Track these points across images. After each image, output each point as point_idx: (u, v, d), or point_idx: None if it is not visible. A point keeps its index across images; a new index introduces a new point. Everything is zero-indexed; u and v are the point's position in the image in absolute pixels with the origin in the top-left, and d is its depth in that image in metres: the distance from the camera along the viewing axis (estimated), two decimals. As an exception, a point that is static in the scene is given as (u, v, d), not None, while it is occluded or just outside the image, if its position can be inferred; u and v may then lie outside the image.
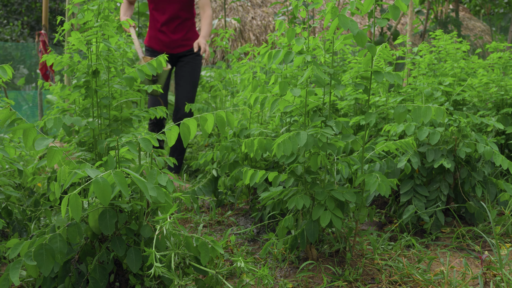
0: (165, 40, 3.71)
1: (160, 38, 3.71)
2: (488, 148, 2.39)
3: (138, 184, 1.43)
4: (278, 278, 2.05)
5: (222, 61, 3.86)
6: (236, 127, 2.86)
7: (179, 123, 1.64)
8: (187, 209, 3.12)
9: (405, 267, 2.05)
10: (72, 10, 2.12)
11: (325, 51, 2.07)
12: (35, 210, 2.53)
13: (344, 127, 2.05)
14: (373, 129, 3.09)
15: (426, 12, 6.66)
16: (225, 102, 3.66)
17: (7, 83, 8.38)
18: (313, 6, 1.91)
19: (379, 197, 2.96)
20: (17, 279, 1.48)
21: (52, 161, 1.52)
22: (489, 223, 2.63)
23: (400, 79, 1.90)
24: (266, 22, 11.13)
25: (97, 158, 2.21)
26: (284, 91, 1.96)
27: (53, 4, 17.39)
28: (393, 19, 1.76)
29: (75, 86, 2.15)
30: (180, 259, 1.75)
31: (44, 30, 5.35)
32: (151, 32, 3.78)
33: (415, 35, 8.90)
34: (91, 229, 1.70)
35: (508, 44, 3.47)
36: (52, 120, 1.76)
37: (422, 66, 3.18)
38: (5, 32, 17.93)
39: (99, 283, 1.63)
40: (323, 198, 1.98)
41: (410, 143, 2.16)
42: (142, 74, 2.10)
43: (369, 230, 2.43)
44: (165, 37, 3.71)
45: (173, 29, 3.70)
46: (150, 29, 3.80)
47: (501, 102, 3.29)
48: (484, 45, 5.49)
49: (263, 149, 2.08)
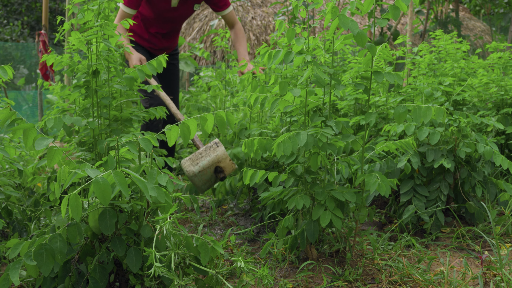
0: (156, 43, 3.53)
1: (151, 40, 3.51)
2: (488, 148, 2.39)
3: (138, 184, 1.43)
4: (278, 278, 2.05)
5: (222, 61, 3.85)
6: (235, 126, 2.86)
7: (178, 123, 1.64)
8: (187, 209, 3.12)
9: (405, 267, 2.05)
10: (72, 10, 2.12)
11: (325, 51, 2.07)
12: (35, 210, 2.53)
13: (344, 127, 2.05)
14: (373, 129, 3.09)
15: (426, 12, 6.66)
16: (225, 102, 3.66)
17: (7, 83, 8.38)
18: (313, 6, 1.91)
19: (379, 197, 2.96)
20: (17, 279, 1.48)
21: (52, 161, 1.52)
22: (489, 223, 2.63)
23: (400, 79, 1.90)
24: (266, 22, 11.14)
25: (97, 158, 2.20)
26: (284, 91, 1.96)
27: (53, 4, 17.39)
28: (393, 19, 1.77)
29: (75, 86, 2.15)
30: (180, 259, 1.75)
31: (44, 30, 5.35)
32: (141, 31, 3.49)
33: (415, 35, 8.90)
34: (91, 229, 1.70)
35: (508, 44, 3.47)
36: (52, 120, 1.76)
37: (422, 66, 3.18)
38: (5, 32, 17.93)
39: (99, 283, 1.63)
40: (323, 198, 1.98)
41: (410, 143, 2.16)
42: (142, 74, 2.09)
43: (369, 230, 2.43)
44: (157, 41, 3.52)
45: (167, 37, 3.58)
46: (140, 29, 3.48)
47: (501, 102, 3.29)
48: (484, 45, 5.49)
49: (263, 149, 2.08)
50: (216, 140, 2.56)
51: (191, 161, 2.53)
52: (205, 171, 2.52)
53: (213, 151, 2.53)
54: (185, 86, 9.50)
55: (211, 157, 2.52)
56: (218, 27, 10.23)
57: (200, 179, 2.54)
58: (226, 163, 2.54)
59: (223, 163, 2.53)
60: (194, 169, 2.52)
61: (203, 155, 2.54)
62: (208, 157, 2.53)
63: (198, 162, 2.53)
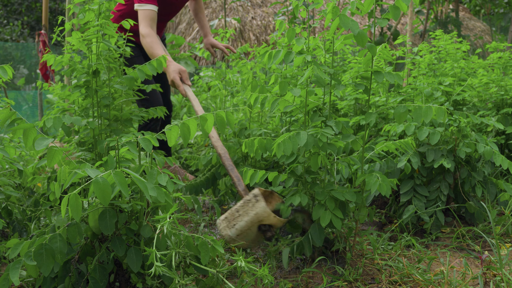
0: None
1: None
2: (488, 148, 2.39)
3: (138, 184, 1.43)
4: (278, 278, 2.05)
5: (222, 61, 3.84)
6: (235, 126, 2.86)
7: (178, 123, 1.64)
8: (187, 209, 3.12)
9: (405, 267, 2.05)
10: (73, 10, 2.12)
11: (325, 51, 2.07)
12: (35, 210, 2.53)
13: (344, 127, 2.05)
14: (373, 129, 3.09)
15: (426, 12, 6.66)
16: (225, 102, 3.66)
17: (7, 83, 8.38)
18: (314, 6, 1.91)
19: (379, 197, 2.96)
20: (17, 279, 1.48)
21: (52, 161, 1.52)
22: (489, 223, 2.63)
23: (400, 79, 1.90)
24: (266, 22, 11.14)
25: (97, 158, 2.20)
26: (284, 91, 1.96)
27: (53, 4, 17.39)
28: (393, 19, 1.77)
29: (75, 86, 2.15)
30: (181, 259, 1.75)
31: (44, 30, 5.35)
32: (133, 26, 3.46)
33: (415, 35, 8.90)
34: (91, 229, 1.70)
35: (508, 44, 3.47)
36: (52, 119, 1.76)
37: (422, 66, 3.18)
38: (5, 32, 17.93)
39: (99, 283, 1.63)
40: (323, 198, 1.98)
41: (409, 143, 2.16)
42: (142, 74, 2.10)
43: (369, 230, 2.43)
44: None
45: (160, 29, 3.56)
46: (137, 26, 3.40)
47: (501, 102, 3.29)
48: (484, 45, 5.49)
49: (263, 149, 2.08)
50: (256, 192, 2.10)
51: (227, 221, 2.10)
52: (245, 233, 2.09)
53: (252, 208, 2.08)
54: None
55: (250, 216, 2.07)
56: (218, 27, 10.23)
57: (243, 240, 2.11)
58: (270, 221, 2.08)
59: (267, 221, 2.08)
60: (231, 233, 2.09)
61: (240, 213, 2.09)
62: (247, 216, 2.08)
63: (234, 224, 2.09)
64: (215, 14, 11.15)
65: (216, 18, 10.56)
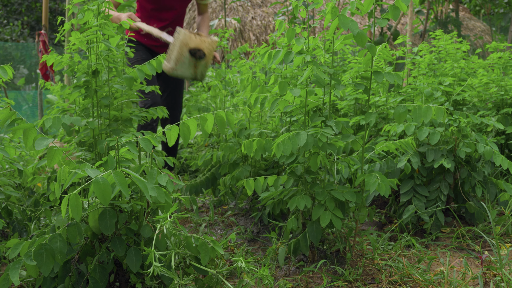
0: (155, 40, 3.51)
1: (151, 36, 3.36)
2: (488, 148, 2.39)
3: (138, 184, 1.43)
4: (278, 278, 2.05)
5: (221, 61, 3.84)
6: (235, 126, 2.86)
7: (178, 123, 1.64)
8: (187, 209, 3.12)
9: (405, 267, 2.05)
10: (72, 10, 2.12)
11: (325, 51, 2.07)
12: (35, 210, 2.53)
13: (344, 127, 2.05)
14: (373, 129, 3.09)
15: (426, 12, 6.66)
16: (225, 102, 3.66)
17: (7, 83, 8.38)
18: (313, 6, 1.91)
19: (379, 197, 2.96)
20: (17, 279, 1.48)
21: (52, 161, 1.52)
22: (489, 223, 2.63)
23: (400, 79, 1.90)
24: (266, 22, 11.14)
25: (97, 158, 2.20)
26: (284, 91, 1.96)
27: (53, 4, 17.39)
28: (393, 19, 1.76)
29: (75, 86, 2.15)
30: (181, 259, 1.75)
31: (44, 30, 5.35)
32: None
33: (415, 35, 8.90)
34: (91, 229, 1.70)
35: (508, 44, 3.47)
36: (51, 119, 1.76)
37: (422, 66, 3.17)
38: (5, 32, 17.93)
39: (99, 283, 1.63)
40: (323, 198, 1.98)
41: (409, 143, 2.16)
42: (142, 74, 2.09)
43: (369, 230, 2.43)
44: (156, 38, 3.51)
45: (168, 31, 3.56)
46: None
47: (501, 102, 3.29)
48: (484, 45, 5.49)
49: (263, 149, 2.08)
50: (178, 29, 2.65)
51: (167, 58, 2.61)
52: (181, 60, 2.61)
53: (177, 38, 2.61)
54: (185, 86, 9.50)
55: (178, 44, 2.60)
56: (218, 27, 10.23)
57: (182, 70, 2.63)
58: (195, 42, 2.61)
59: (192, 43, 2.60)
60: (170, 64, 2.62)
61: (171, 47, 2.63)
62: (176, 46, 2.61)
63: (170, 56, 2.63)
64: (215, 14, 11.14)
65: (216, 18, 10.56)
